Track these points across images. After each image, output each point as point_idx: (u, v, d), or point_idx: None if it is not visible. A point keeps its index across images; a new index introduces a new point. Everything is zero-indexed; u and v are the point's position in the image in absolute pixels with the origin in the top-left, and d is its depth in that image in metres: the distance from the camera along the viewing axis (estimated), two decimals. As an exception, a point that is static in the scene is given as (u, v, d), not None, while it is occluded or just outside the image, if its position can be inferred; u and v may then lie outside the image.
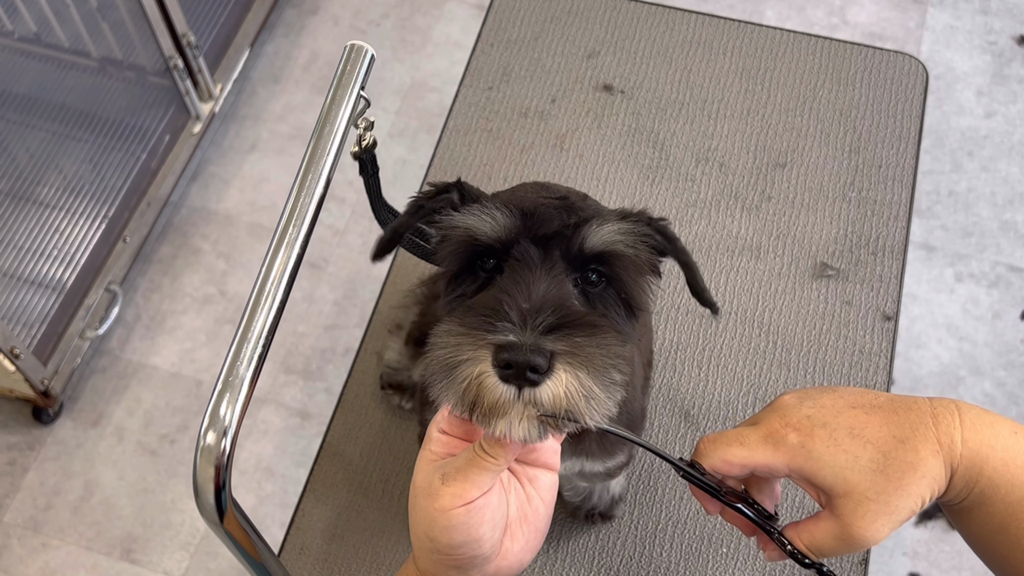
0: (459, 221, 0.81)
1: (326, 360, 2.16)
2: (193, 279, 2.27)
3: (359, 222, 2.31)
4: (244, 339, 0.76)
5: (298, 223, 0.80)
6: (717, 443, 0.80)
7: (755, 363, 1.36)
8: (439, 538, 0.73)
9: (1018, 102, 2.44)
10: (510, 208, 0.79)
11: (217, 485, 0.73)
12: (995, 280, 2.21)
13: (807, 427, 0.76)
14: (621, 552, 1.25)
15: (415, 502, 0.75)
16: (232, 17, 2.35)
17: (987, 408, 0.77)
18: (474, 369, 0.69)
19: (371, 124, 0.91)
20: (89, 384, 2.14)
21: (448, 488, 0.72)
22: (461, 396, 0.70)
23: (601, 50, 1.60)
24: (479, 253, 0.81)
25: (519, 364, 0.67)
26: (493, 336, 0.69)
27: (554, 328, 0.69)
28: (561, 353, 0.69)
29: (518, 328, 0.69)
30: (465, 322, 0.71)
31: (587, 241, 0.79)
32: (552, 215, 0.79)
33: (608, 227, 0.80)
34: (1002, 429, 0.74)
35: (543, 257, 0.77)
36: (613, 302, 0.81)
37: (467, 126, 1.54)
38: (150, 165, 2.17)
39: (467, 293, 0.82)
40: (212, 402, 0.74)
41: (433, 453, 0.76)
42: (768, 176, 1.49)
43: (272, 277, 0.77)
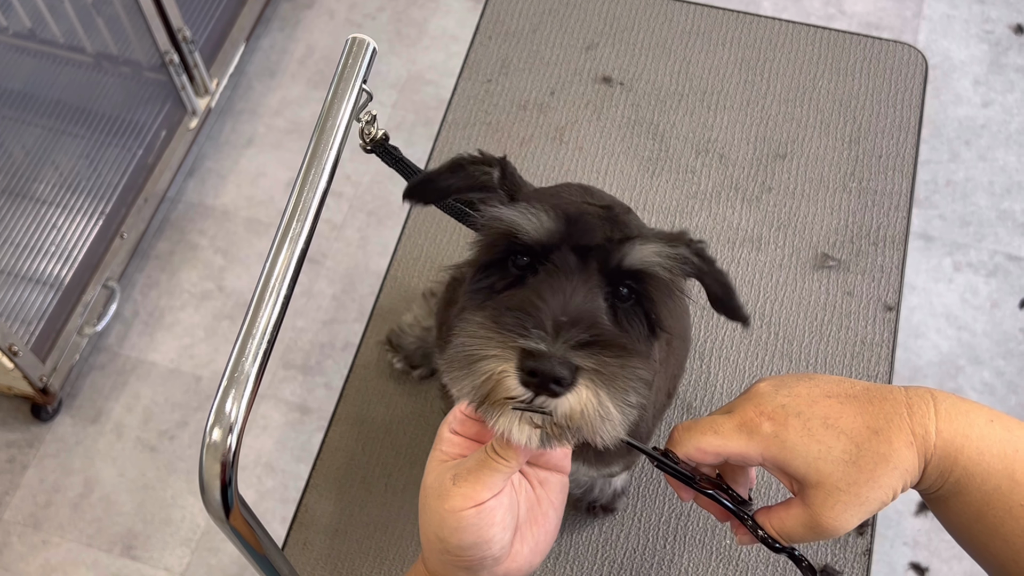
0: (504, 215, 0.79)
1: (325, 355, 2.16)
2: (191, 275, 2.26)
3: (356, 216, 2.31)
4: (249, 335, 0.75)
5: (302, 218, 0.79)
6: (691, 431, 0.80)
7: (757, 354, 1.36)
8: (449, 539, 0.73)
9: (1015, 91, 2.43)
10: (556, 212, 0.78)
11: (223, 482, 0.72)
12: (993, 269, 2.21)
13: (781, 416, 0.76)
14: (624, 544, 1.25)
15: (425, 502, 0.75)
16: (227, 11, 2.34)
17: (987, 397, 0.78)
18: (497, 367, 0.69)
19: (374, 118, 0.90)
20: (88, 381, 2.14)
21: (459, 489, 0.72)
22: (476, 388, 0.70)
23: (600, 42, 1.59)
24: (515, 250, 0.80)
25: (544, 374, 0.67)
26: (524, 341, 0.69)
27: (584, 344, 0.69)
28: (587, 370, 0.69)
29: (550, 338, 0.69)
30: (498, 320, 0.71)
31: (627, 259, 0.78)
32: (596, 226, 0.78)
33: (650, 248, 0.79)
34: (977, 418, 0.74)
35: (581, 267, 0.77)
36: (638, 320, 0.81)
37: (466, 119, 1.53)
38: (146, 161, 2.17)
39: (496, 287, 0.81)
40: (218, 398, 0.74)
41: (444, 453, 0.76)
42: (768, 167, 1.49)
43: (276, 273, 0.77)
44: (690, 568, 1.23)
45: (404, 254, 1.44)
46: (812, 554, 1.24)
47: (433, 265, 1.43)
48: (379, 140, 0.93)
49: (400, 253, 1.44)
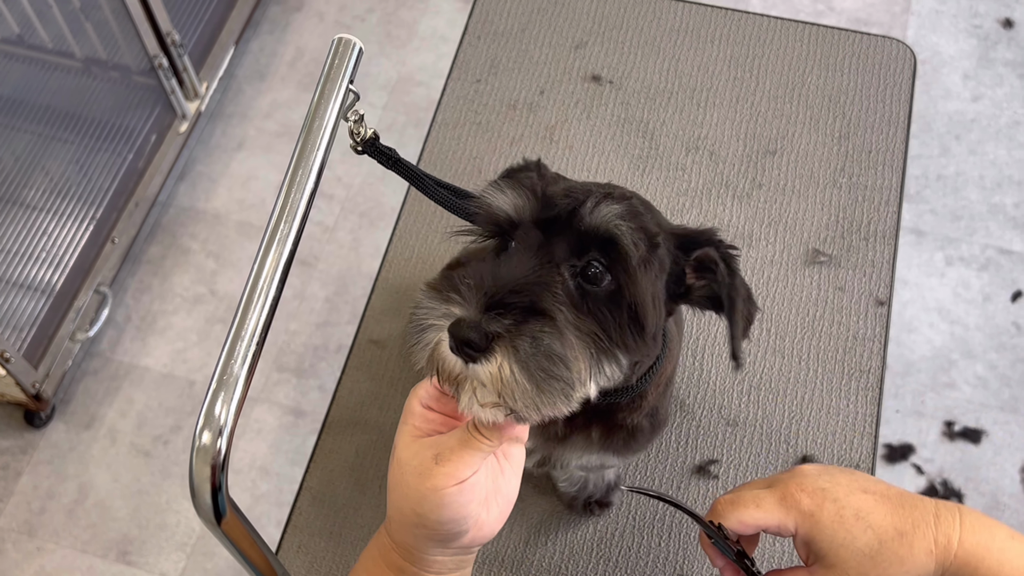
0: (483, 193, 0.81)
1: (319, 357, 2.16)
2: (183, 279, 2.25)
3: (348, 218, 2.30)
4: (238, 337, 0.75)
5: (289, 219, 0.79)
6: (735, 506, 0.85)
7: (749, 351, 1.36)
8: (429, 515, 0.74)
9: (1004, 85, 2.44)
10: (526, 189, 0.78)
11: (214, 485, 0.72)
12: (985, 263, 2.22)
13: (819, 497, 0.82)
14: (619, 543, 1.25)
15: (402, 479, 0.76)
16: (216, 15, 2.33)
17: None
18: (435, 336, 0.71)
19: (361, 117, 0.90)
20: (81, 386, 2.13)
21: (441, 468, 0.73)
22: (427, 360, 0.72)
23: (589, 40, 1.59)
24: (496, 230, 0.81)
25: (458, 338, 0.69)
26: (448, 307, 0.70)
27: (506, 312, 0.69)
28: (501, 335, 0.69)
29: (465, 303, 0.70)
30: (440, 289, 0.72)
31: (584, 221, 0.76)
32: (561, 198, 0.77)
33: (613, 208, 0.76)
34: (999, 532, 0.80)
35: (543, 242, 0.76)
36: (618, 309, 0.77)
37: (456, 119, 1.53)
38: (137, 165, 2.16)
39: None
40: (207, 401, 0.73)
41: (417, 429, 0.77)
42: (758, 163, 1.49)
43: (264, 274, 0.77)
44: (685, 565, 1.23)
45: (395, 255, 1.44)
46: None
47: (425, 265, 1.43)
48: (369, 140, 0.93)
49: (391, 254, 1.44)
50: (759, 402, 1.33)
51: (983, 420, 2.05)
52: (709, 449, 1.30)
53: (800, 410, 1.32)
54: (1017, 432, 2.04)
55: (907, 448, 2.03)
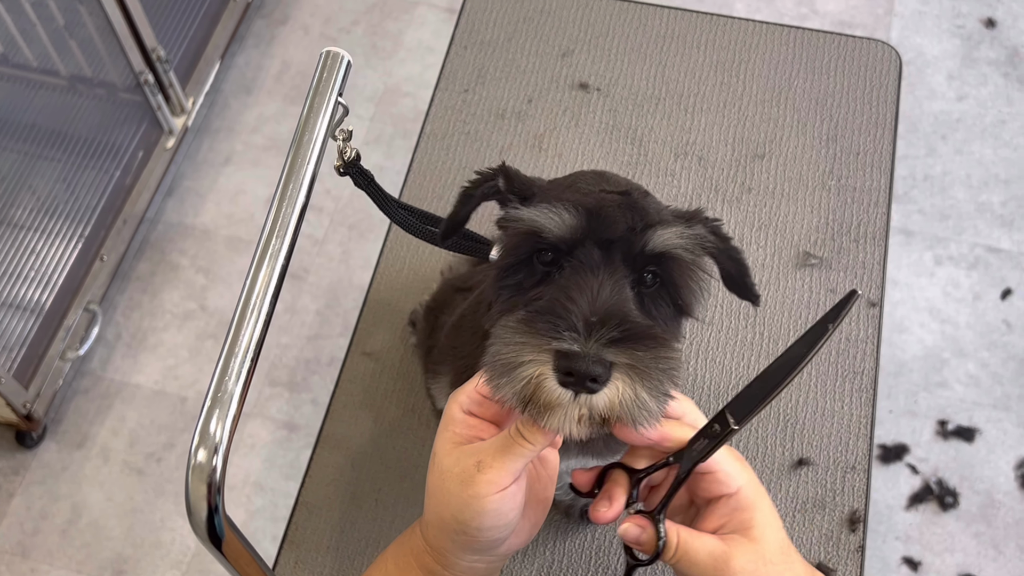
0: (525, 215, 0.81)
1: (311, 371, 2.15)
2: (173, 295, 2.25)
3: (337, 231, 2.30)
4: (231, 354, 0.75)
5: (281, 234, 0.79)
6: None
7: (743, 355, 1.36)
8: (470, 522, 0.75)
9: (988, 84, 2.45)
10: (576, 208, 0.80)
11: (210, 504, 0.72)
12: (974, 262, 2.23)
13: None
14: (617, 550, 1.25)
15: (443, 485, 0.77)
16: (201, 30, 2.33)
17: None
18: (535, 371, 0.72)
19: (350, 134, 0.90)
20: (72, 405, 2.12)
21: (484, 476, 0.74)
22: (517, 392, 0.72)
23: (575, 48, 1.59)
24: (540, 248, 0.82)
25: (580, 373, 0.70)
26: (558, 343, 0.71)
27: (616, 340, 0.72)
28: (621, 365, 0.71)
29: (582, 338, 0.71)
30: (531, 324, 0.73)
31: (649, 245, 0.80)
32: (617, 217, 0.80)
33: (671, 231, 0.80)
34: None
35: (605, 260, 0.78)
36: (664, 304, 0.83)
37: (444, 130, 1.53)
38: (125, 182, 2.15)
39: (524, 285, 0.83)
40: (202, 419, 0.73)
41: (458, 435, 0.78)
42: (747, 168, 1.49)
43: (257, 290, 0.76)
44: (684, 572, 1.23)
45: (386, 267, 1.44)
46: (804, 552, 1.24)
47: (416, 276, 1.43)
48: (352, 161, 0.93)
49: (382, 266, 1.44)
50: (754, 406, 1.33)
51: (976, 418, 2.05)
52: (705, 454, 1.30)
53: (795, 413, 1.32)
54: (1010, 429, 2.04)
55: (901, 448, 2.03)
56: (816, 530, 1.25)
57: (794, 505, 1.27)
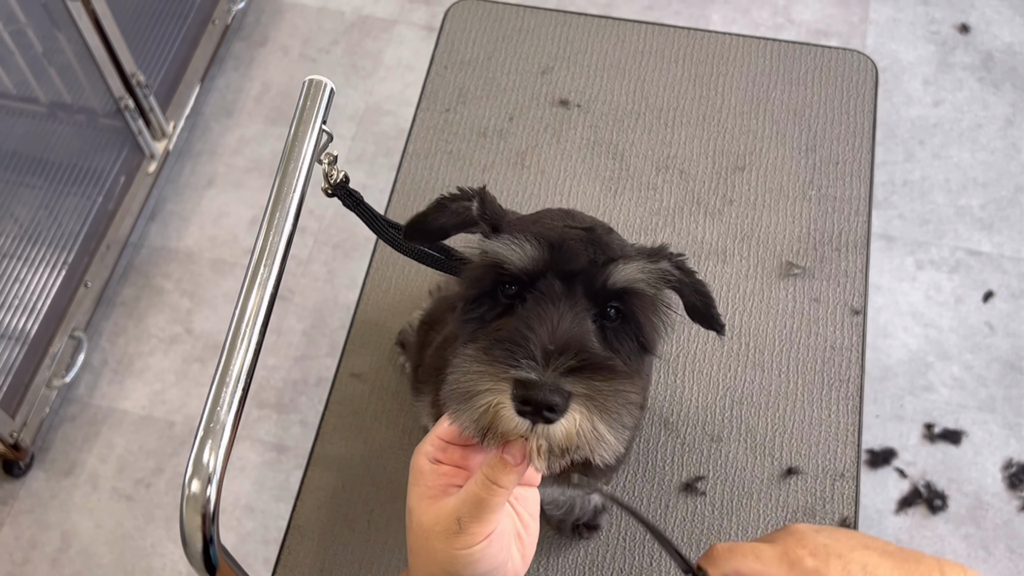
0: (488, 247, 0.82)
1: (299, 392, 2.15)
2: (158, 319, 2.24)
3: (322, 250, 2.30)
4: (223, 383, 0.75)
5: (269, 262, 0.79)
6: (733, 553, 0.82)
7: (729, 366, 1.37)
8: (463, 572, 0.75)
9: (964, 89, 2.48)
10: (539, 240, 0.81)
11: (205, 535, 0.72)
12: (955, 265, 2.24)
13: (823, 554, 0.80)
14: (611, 565, 1.25)
15: (427, 543, 0.76)
16: (180, 53, 2.33)
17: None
18: (493, 399, 0.71)
19: (335, 159, 0.90)
20: (59, 433, 2.11)
21: (467, 530, 0.73)
22: (476, 421, 0.72)
23: (554, 66, 1.60)
24: (503, 280, 0.82)
25: (537, 402, 0.69)
26: (515, 371, 0.71)
27: (574, 370, 0.71)
28: (578, 395, 0.71)
29: (540, 367, 0.71)
30: (489, 353, 0.73)
31: (611, 279, 0.81)
32: (579, 251, 0.80)
33: (633, 266, 0.81)
34: None
35: (567, 293, 0.79)
36: (627, 338, 0.83)
37: (427, 149, 1.54)
38: (107, 207, 2.15)
39: (487, 317, 0.83)
40: (195, 450, 0.73)
41: (430, 488, 0.77)
42: (728, 180, 1.50)
43: (246, 319, 0.77)
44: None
45: (373, 287, 1.44)
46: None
47: (402, 296, 1.43)
48: (340, 183, 0.94)
49: (369, 287, 1.44)
50: (742, 416, 1.34)
51: (962, 421, 2.07)
52: (695, 466, 1.31)
53: (783, 422, 1.33)
54: (996, 431, 2.06)
55: (889, 452, 2.04)
56: (807, 539, 1.26)
57: (784, 514, 1.28)
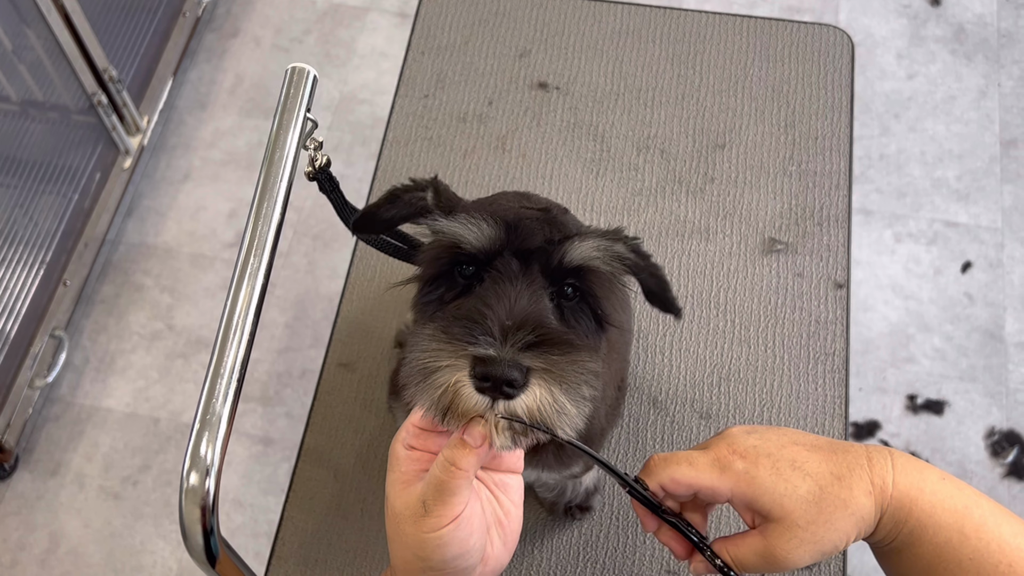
0: (445, 227, 0.82)
1: (283, 384, 2.14)
2: (139, 316, 2.23)
3: (302, 241, 2.29)
4: (217, 375, 0.75)
5: (259, 252, 0.79)
6: (668, 462, 0.84)
7: (716, 343, 1.38)
8: (433, 556, 0.74)
9: (937, 61, 2.49)
10: (496, 220, 0.81)
11: (205, 527, 0.72)
12: (933, 237, 2.26)
13: (753, 455, 0.81)
14: (605, 544, 1.25)
15: (399, 527, 0.76)
16: (152, 47, 2.31)
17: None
18: (451, 377, 0.71)
19: (320, 144, 0.90)
20: (43, 433, 2.09)
21: (432, 512, 0.74)
22: (436, 401, 0.72)
23: (532, 48, 1.60)
24: (460, 260, 0.83)
25: (496, 378, 0.69)
26: (474, 348, 0.71)
27: (532, 345, 0.72)
28: (537, 369, 0.71)
29: (498, 343, 0.71)
30: (447, 330, 0.72)
31: (566, 256, 0.81)
32: (535, 229, 0.81)
33: (588, 243, 0.82)
34: (931, 475, 0.81)
35: (523, 270, 0.79)
36: (584, 316, 0.84)
37: (406, 136, 1.53)
38: (83, 205, 2.13)
39: (445, 298, 0.83)
40: (191, 443, 0.73)
41: (404, 474, 0.77)
42: (709, 158, 1.51)
43: (239, 309, 0.76)
44: (672, 562, 1.24)
45: (357, 276, 1.44)
46: None
47: (387, 286, 1.43)
48: (323, 167, 0.93)
49: (353, 276, 1.44)
50: (730, 393, 1.35)
51: (944, 391, 2.09)
52: (685, 443, 1.32)
53: (770, 397, 1.34)
54: (978, 400, 2.08)
55: (873, 424, 2.06)
56: (799, 511, 1.27)
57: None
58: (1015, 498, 1.99)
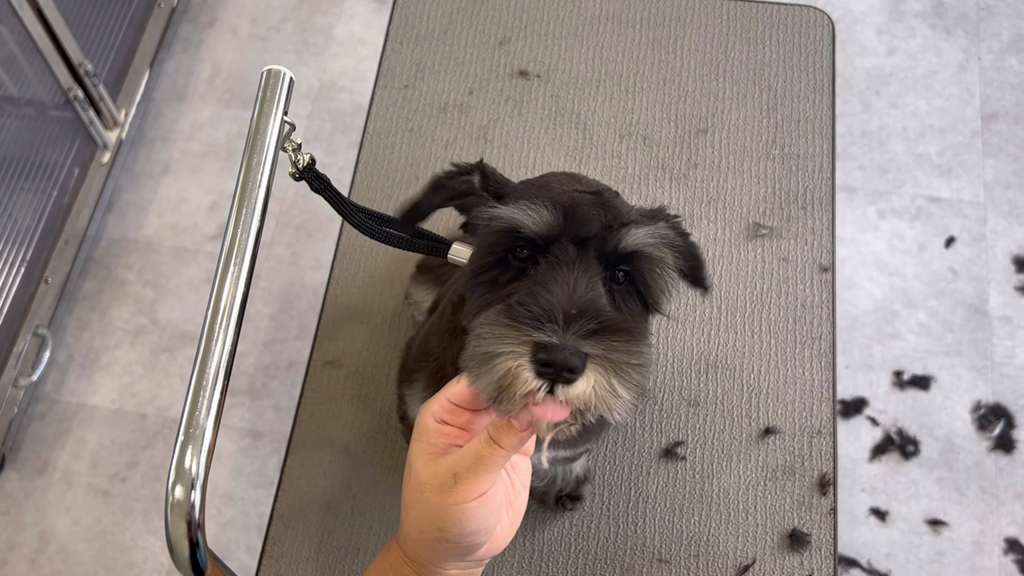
0: (503, 213, 0.84)
1: (270, 376, 2.13)
2: (122, 311, 2.21)
3: (285, 232, 2.28)
4: (200, 386, 0.74)
5: (238, 260, 0.78)
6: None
7: (703, 330, 1.38)
8: (451, 528, 0.77)
9: (916, 36, 2.49)
10: (555, 205, 0.83)
11: (191, 540, 0.71)
12: (916, 213, 2.26)
13: None
14: (596, 534, 1.26)
15: (422, 496, 0.78)
16: (127, 39, 2.28)
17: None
18: (513, 363, 0.73)
19: (299, 146, 0.89)
20: (29, 432, 2.08)
21: (462, 484, 0.76)
22: (495, 383, 0.74)
23: (512, 36, 1.59)
24: (516, 244, 0.84)
25: (558, 364, 0.72)
26: (539, 335, 0.73)
27: (592, 333, 0.74)
28: (595, 356, 0.73)
29: (560, 330, 0.73)
30: (511, 316, 0.75)
31: (622, 243, 0.83)
32: (592, 215, 0.83)
33: (644, 230, 0.84)
34: None
35: (580, 256, 0.81)
36: (633, 299, 0.86)
37: (387, 128, 1.52)
38: (63, 201, 2.11)
39: (499, 281, 0.85)
40: (176, 455, 0.72)
41: (432, 446, 0.79)
42: (692, 143, 1.50)
43: (220, 319, 0.75)
44: (662, 549, 1.24)
45: (341, 271, 1.43)
46: (779, 518, 1.26)
47: (372, 279, 1.42)
48: (307, 166, 0.92)
49: (337, 271, 1.43)
50: (718, 380, 1.35)
51: (930, 366, 2.10)
52: (674, 431, 1.32)
53: (758, 383, 1.34)
54: (963, 374, 2.09)
55: (860, 402, 2.07)
56: (788, 496, 1.27)
57: (764, 474, 1.29)
58: (1002, 471, 2.00)
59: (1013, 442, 2.03)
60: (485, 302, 0.84)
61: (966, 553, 1.94)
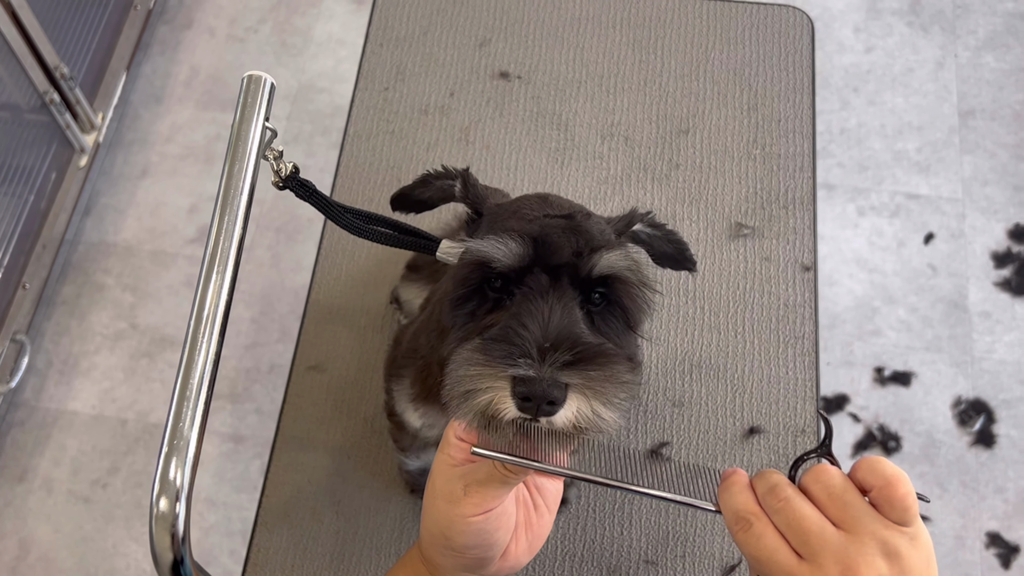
0: (474, 248, 0.84)
1: (252, 380, 2.12)
2: (101, 316, 2.19)
3: (265, 235, 2.26)
4: (183, 397, 0.73)
5: (221, 270, 0.77)
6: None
7: (686, 331, 1.38)
8: (455, 539, 0.78)
9: (894, 34, 2.50)
10: (523, 237, 0.82)
11: (176, 555, 0.70)
12: (895, 209, 2.28)
13: None
14: (583, 537, 1.26)
15: (434, 503, 0.80)
16: (104, 41, 2.26)
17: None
18: (493, 396, 0.74)
19: (280, 154, 0.88)
20: (8, 440, 2.06)
21: (469, 498, 0.77)
22: (479, 415, 0.75)
23: (492, 37, 1.58)
24: (489, 276, 0.84)
25: (538, 396, 0.72)
26: (514, 370, 0.73)
27: (569, 363, 0.74)
28: (575, 385, 0.74)
29: (536, 363, 0.73)
30: (486, 352, 0.75)
31: (595, 268, 0.83)
32: (563, 243, 0.83)
33: (615, 254, 0.84)
34: None
35: (554, 285, 0.81)
36: (613, 318, 0.86)
37: (368, 130, 1.51)
38: (40, 206, 2.09)
39: (477, 313, 0.85)
40: (160, 467, 0.71)
41: (451, 458, 0.80)
42: (673, 144, 1.50)
43: (202, 330, 0.75)
44: (648, 550, 1.24)
45: (323, 275, 1.42)
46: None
47: (355, 283, 1.41)
48: (290, 175, 0.92)
49: (319, 275, 1.42)
50: (702, 380, 1.35)
51: (911, 362, 2.11)
52: (659, 432, 1.32)
53: (742, 383, 1.34)
54: (944, 370, 2.10)
55: (842, 398, 2.08)
56: (773, 497, 1.28)
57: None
58: (983, 466, 2.02)
59: (993, 437, 2.05)
60: (464, 334, 0.85)
61: (948, 547, 1.95)
